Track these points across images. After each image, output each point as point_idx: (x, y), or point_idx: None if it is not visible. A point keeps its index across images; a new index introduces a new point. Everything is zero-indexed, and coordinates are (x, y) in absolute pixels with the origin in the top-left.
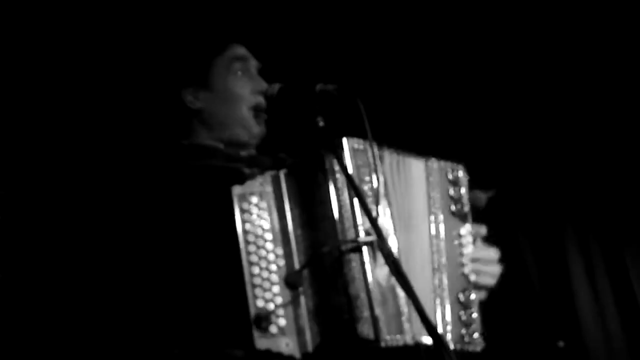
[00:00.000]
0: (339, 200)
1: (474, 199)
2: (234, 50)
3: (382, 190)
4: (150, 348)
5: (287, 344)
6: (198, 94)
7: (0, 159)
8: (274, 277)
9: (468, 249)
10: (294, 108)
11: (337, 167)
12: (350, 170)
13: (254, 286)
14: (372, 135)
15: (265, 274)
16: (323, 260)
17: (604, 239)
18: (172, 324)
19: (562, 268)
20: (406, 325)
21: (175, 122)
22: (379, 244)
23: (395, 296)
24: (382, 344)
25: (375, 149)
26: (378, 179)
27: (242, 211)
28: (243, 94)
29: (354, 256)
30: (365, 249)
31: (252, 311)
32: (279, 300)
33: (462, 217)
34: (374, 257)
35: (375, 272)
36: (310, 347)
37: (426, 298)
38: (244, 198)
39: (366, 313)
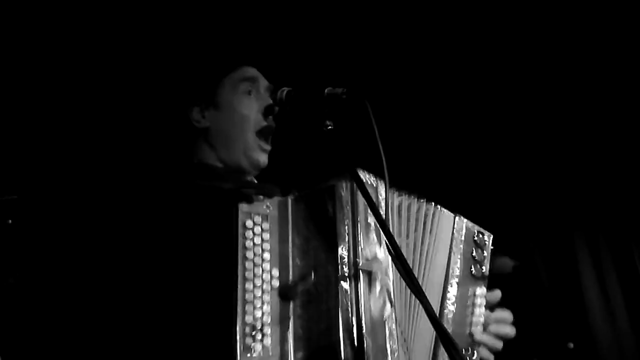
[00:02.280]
0: (343, 229)
1: (501, 265)
2: (243, 71)
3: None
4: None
5: None
6: (205, 112)
7: (16, 165)
8: (266, 297)
9: (479, 310)
10: (303, 112)
11: (346, 196)
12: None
13: (245, 302)
14: (389, 176)
15: (258, 292)
16: (319, 281)
17: (612, 238)
18: (159, 331)
19: (572, 268)
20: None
21: (181, 140)
22: (395, 263)
23: (384, 330)
24: None
25: (384, 189)
26: (382, 214)
27: (245, 228)
28: (249, 114)
29: (350, 283)
30: (362, 276)
31: (239, 326)
32: (268, 319)
33: (479, 279)
34: (369, 287)
35: (369, 301)
36: None
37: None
38: (249, 216)
39: (355, 340)
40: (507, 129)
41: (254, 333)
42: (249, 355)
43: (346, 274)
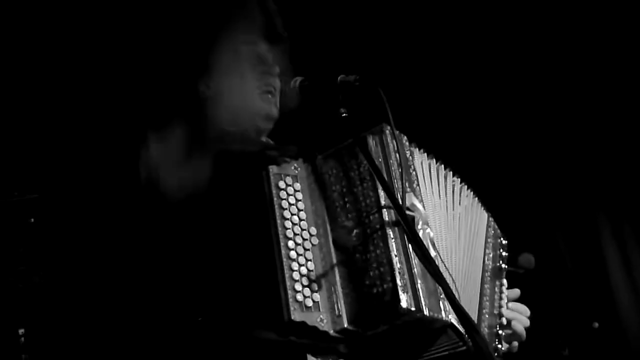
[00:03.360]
0: (382, 178)
1: (525, 261)
2: (260, 47)
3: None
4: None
5: (321, 319)
6: (209, 82)
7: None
8: (309, 254)
9: (504, 299)
10: (317, 100)
11: (376, 149)
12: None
13: (290, 259)
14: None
15: (300, 250)
16: (363, 231)
17: (636, 220)
18: (202, 296)
19: (597, 253)
20: (443, 304)
21: (193, 111)
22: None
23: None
24: (422, 315)
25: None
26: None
27: (279, 188)
28: (252, 77)
29: (396, 229)
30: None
31: (288, 283)
32: (313, 275)
33: (502, 273)
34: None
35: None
36: (345, 323)
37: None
38: (280, 177)
39: (409, 284)
40: (529, 113)
41: (303, 289)
42: (302, 310)
43: (393, 221)
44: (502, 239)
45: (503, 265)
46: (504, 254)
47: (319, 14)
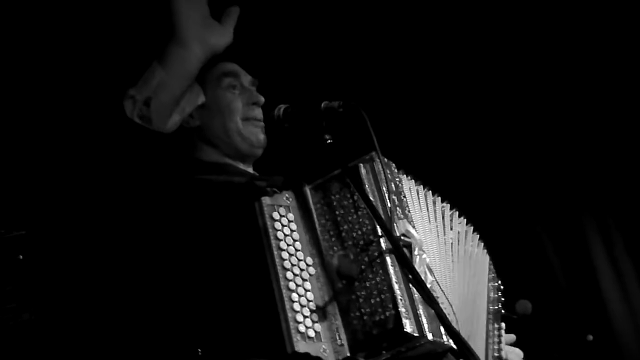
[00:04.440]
0: (376, 206)
1: (523, 307)
2: (222, 66)
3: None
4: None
5: (324, 349)
6: (192, 112)
7: (20, 201)
8: (307, 284)
9: (503, 342)
10: (301, 127)
11: (368, 176)
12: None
13: (289, 290)
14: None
15: (299, 281)
16: (361, 259)
17: (622, 220)
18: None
19: (584, 253)
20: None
21: (179, 142)
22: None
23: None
24: (425, 340)
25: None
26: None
27: (273, 219)
28: (236, 107)
29: (394, 256)
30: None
31: (289, 314)
32: (314, 305)
33: (499, 316)
34: (411, 259)
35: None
36: (347, 352)
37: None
38: (273, 208)
39: (411, 310)
40: (512, 114)
41: (304, 319)
42: (305, 341)
43: (389, 248)
44: (498, 282)
45: (501, 309)
46: (501, 297)
47: (300, 35)
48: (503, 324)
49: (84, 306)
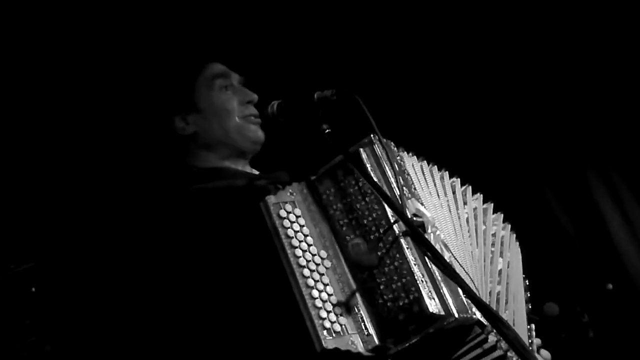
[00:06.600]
0: (384, 189)
1: (549, 309)
2: (212, 68)
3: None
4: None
5: (352, 342)
6: (187, 118)
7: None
8: (325, 279)
9: (534, 344)
10: (297, 121)
11: (370, 160)
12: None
13: (308, 287)
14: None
15: (316, 276)
16: (375, 245)
17: (624, 169)
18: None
19: (592, 207)
20: (468, 303)
21: (175, 151)
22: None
23: None
24: (453, 318)
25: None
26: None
27: (281, 218)
28: (231, 107)
29: (408, 238)
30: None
31: (313, 312)
32: (335, 299)
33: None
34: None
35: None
36: (376, 341)
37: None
38: (279, 206)
39: (433, 290)
40: (513, 71)
41: (328, 314)
42: (332, 337)
43: (404, 230)
44: (526, 282)
45: (530, 309)
46: (528, 295)
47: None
48: (533, 325)
49: (104, 331)
